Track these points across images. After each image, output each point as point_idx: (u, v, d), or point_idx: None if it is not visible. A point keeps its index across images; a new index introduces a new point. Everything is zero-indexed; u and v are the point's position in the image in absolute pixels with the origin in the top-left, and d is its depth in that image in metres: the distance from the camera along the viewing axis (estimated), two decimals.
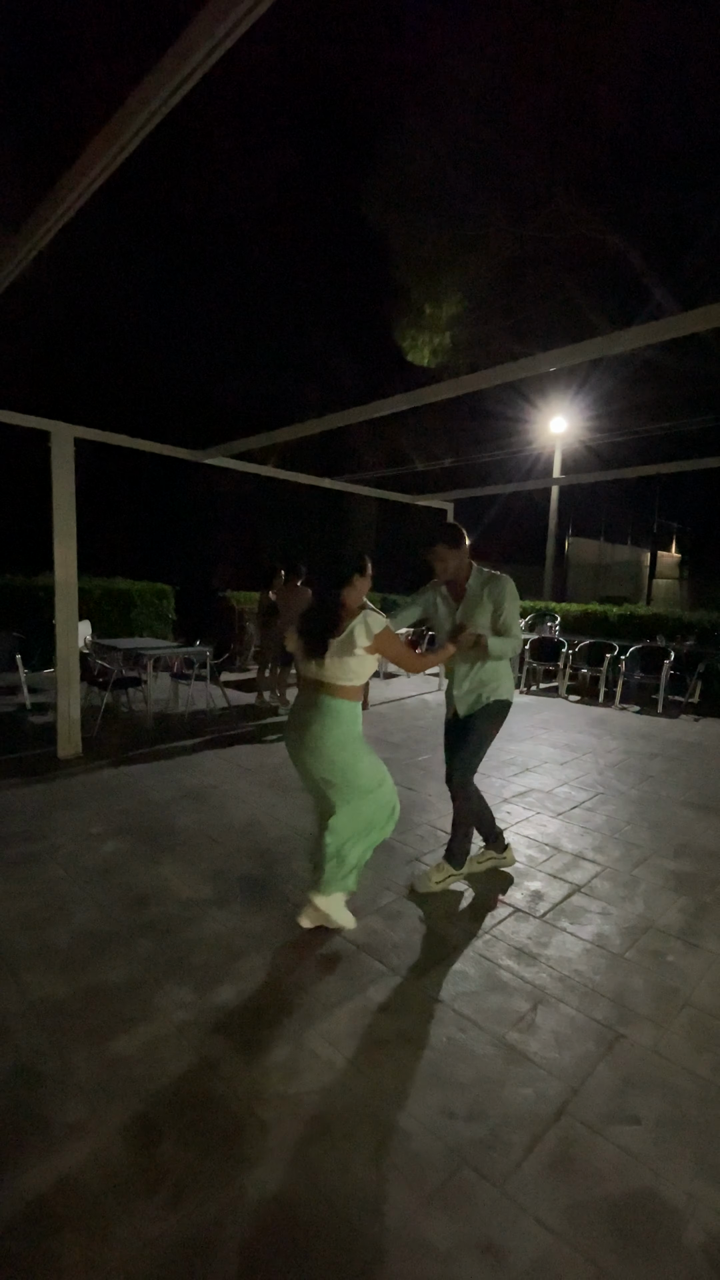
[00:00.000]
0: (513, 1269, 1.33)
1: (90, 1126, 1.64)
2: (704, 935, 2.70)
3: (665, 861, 3.43)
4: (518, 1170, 1.56)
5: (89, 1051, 1.90)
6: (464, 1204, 1.47)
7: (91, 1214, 1.42)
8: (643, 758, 5.57)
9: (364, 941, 2.54)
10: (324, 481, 7.29)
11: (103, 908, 2.73)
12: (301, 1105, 1.73)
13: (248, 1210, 1.44)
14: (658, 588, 25.58)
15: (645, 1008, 2.20)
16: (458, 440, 14.91)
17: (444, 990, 2.26)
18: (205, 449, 5.70)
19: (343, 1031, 2.02)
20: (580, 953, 2.53)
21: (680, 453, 12.27)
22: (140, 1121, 1.66)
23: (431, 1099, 1.78)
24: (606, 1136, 1.67)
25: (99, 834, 3.50)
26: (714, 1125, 1.72)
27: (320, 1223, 1.42)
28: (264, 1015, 2.09)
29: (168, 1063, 1.87)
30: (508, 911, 2.83)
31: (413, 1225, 1.42)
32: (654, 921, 2.79)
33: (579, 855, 3.47)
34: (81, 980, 2.24)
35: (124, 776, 4.52)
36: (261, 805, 4.02)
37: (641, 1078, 1.88)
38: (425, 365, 12.66)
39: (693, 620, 9.21)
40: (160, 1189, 1.48)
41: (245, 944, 2.49)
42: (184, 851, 3.31)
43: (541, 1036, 2.04)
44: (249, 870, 3.12)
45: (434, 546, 2.86)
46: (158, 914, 2.69)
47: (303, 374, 16.11)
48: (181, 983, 2.23)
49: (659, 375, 11.48)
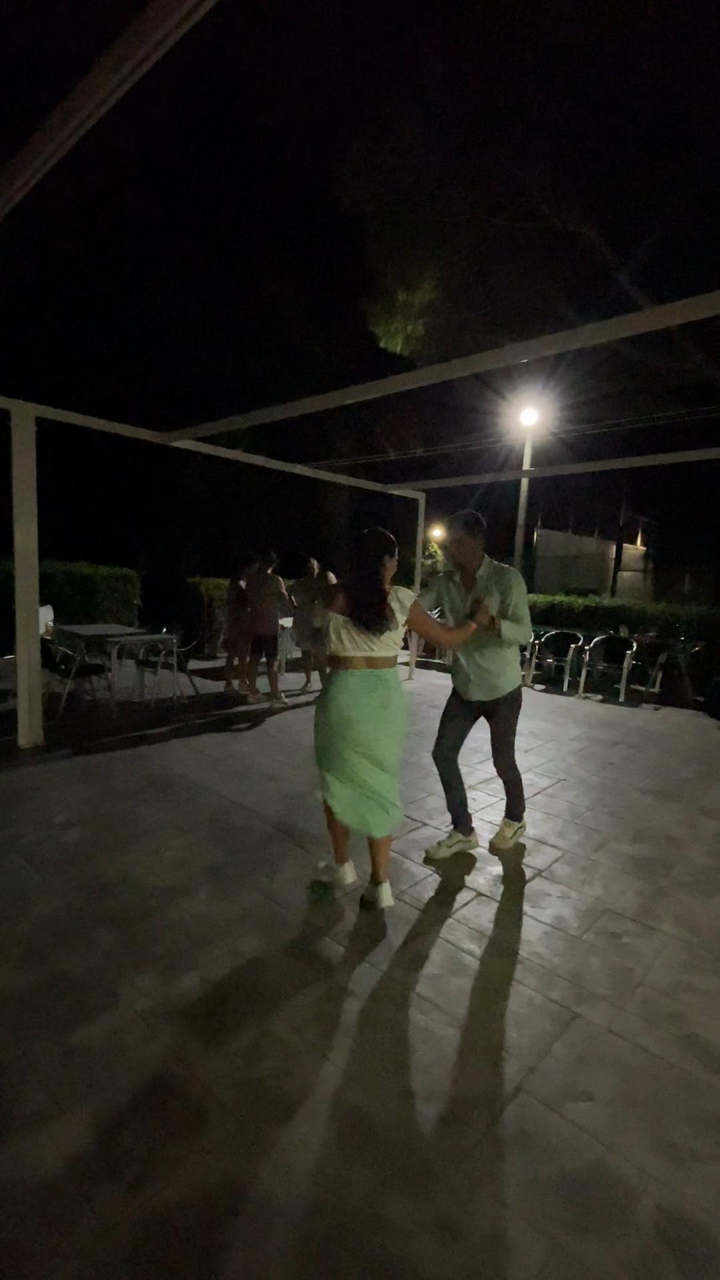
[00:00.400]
0: (468, 1243, 1.37)
1: (50, 1115, 1.63)
2: (658, 917, 2.79)
3: (623, 846, 3.53)
4: (475, 1148, 1.60)
5: (50, 1041, 1.88)
6: (423, 1182, 1.51)
7: (52, 1201, 1.41)
8: (604, 745, 5.70)
9: (329, 927, 2.56)
10: (295, 468, 7.22)
11: (65, 897, 2.69)
12: (264, 1089, 1.74)
13: (210, 1193, 1.45)
14: (623, 580, 26.12)
15: (601, 988, 2.27)
16: (430, 430, 14.92)
17: (407, 974, 2.29)
18: (172, 431, 5.59)
19: (306, 1016, 2.04)
20: (539, 935, 2.59)
21: (647, 447, 12.50)
22: (102, 1109, 1.66)
23: (392, 1080, 1.81)
24: (562, 1113, 1.73)
25: (61, 823, 3.44)
26: (664, 1100, 1.79)
27: (282, 1204, 1.43)
28: (228, 1002, 2.09)
29: (130, 1050, 1.86)
30: (470, 896, 2.89)
31: (373, 1204, 1.44)
32: (611, 904, 2.88)
33: (541, 840, 3.55)
34: (42, 970, 2.21)
35: (87, 765, 4.44)
36: (228, 794, 4.00)
37: (596, 1055, 1.95)
38: (398, 353, 12.60)
39: (655, 612, 9.45)
40: (122, 1175, 1.48)
41: (210, 933, 2.48)
42: (148, 841, 3.28)
43: (500, 1017, 2.09)
44: (215, 859, 3.11)
45: (457, 531, 3.01)
46: (121, 903, 2.67)
47: (273, 357, 15.88)
48: (145, 971, 2.22)
49: (627, 370, 11.64)
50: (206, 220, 15.19)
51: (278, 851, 3.23)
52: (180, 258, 14.99)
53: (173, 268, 14.78)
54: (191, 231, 15.20)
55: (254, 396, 7.72)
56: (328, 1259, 1.33)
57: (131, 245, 14.81)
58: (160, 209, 14.77)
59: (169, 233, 14.97)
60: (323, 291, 14.79)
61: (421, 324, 11.96)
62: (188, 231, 15.15)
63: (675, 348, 10.63)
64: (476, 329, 11.22)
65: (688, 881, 3.15)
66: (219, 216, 15.09)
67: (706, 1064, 1.93)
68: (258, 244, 14.97)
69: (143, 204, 14.56)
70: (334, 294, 14.17)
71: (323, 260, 14.31)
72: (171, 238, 14.99)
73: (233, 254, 15.14)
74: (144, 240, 14.84)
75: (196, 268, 15.03)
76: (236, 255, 15.10)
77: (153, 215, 14.75)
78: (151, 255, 14.83)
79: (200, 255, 15.20)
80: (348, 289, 13.01)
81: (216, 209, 15.04)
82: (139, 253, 14.84)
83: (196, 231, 15.24)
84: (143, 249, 14.85)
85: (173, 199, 14.77)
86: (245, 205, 14.66)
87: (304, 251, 14.84)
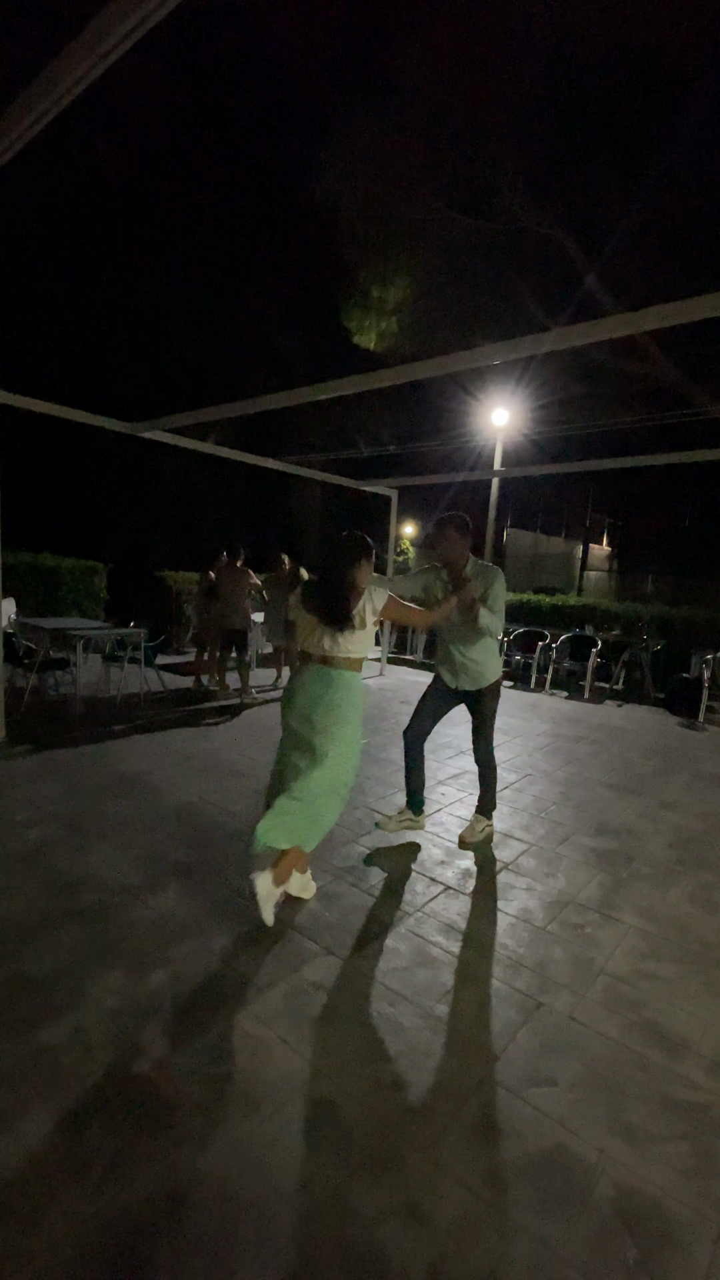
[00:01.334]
0: (435, 1229, 1.40)
1: (15, 1114, 1.61)
2: (619, 908, 2.87)
3: (586, 839, 3.62)
4: (441, 1136, 1.64)
5: (14, 1041, 1.85)
6: (390, 1171, 1.53)
7: (18, 1200, 1.40)
8: (569, 741, 5.83)
9: (299, 923, 2.58)
10: (267, 462, 7.17)
11: (28, 896, 2.64)
12: (232, 1084, 1.75)
13: (178, 1188, 1.45)
14: (589, 579, 26.65)
15: (564, 977, 2.34)
16: (402, 427, 14.95)
17: (375, 967, 2.32)
18: (141, 421, 5.49)
19: (275, 1011, 2.05)
20: (506, 927, 2.65)
21: (614, 450, 12.77)
22: (68, 1108, 1.64)
23: (360, 1072, 1.83)
24: (525, 1099, 1.77)
25: (24, 821, 3.37)
26: (623, 1084, 1.85)
27: (250, 1196, 1.44)
28: (196, 999, 2.09)
29: (97, 1049, 1.84)
30: (439, 889, 2.93)
31: (340, 1194, 1.46)
32: (574, 896, 2.95)
33: (507, 834, 3.61)
34: (6, 969, 2.17)
35: (51, 762, 4.36)
36: (196, 791, 3.97)
37: (559, 1042, 2.00)
38: (371, 349, 12.60)
39: (619, 611, 9.68)
40: (89, 1172, 1.47)
41: (178, 930, 2.47)
42: (115, 838, 3.24)
43: (467, 1007, 2.13)
44: (182, 856, 3.09)
45: (445, 530, 3.15)
46: (87, 901, 2.63)
47: (245, 349, 15.70)
48: (112, 969, 2.20)
49: (594, 372, 11.86)
50: (177, 212, 14.93)
51: (246, 848, 3.21)
52: (151, 248, 14.70)
53: (145, 259, 14.49)
54: (162, 223, 14.92)
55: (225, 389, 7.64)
56: (297, 1249, 1.34)
57: (100, 233, 14.47)
58: (130, 197, 14.46)
59: (138, 222, 14.67)
60: (296, 286, 14.68)
61: (394, 320, 11.98)
62: (158, 222, 14.87)
63: (641, 352, 10.87)
64: (449, 327, 11.30)
65: (648, 873, 3.25)
66: (190, 208, 14.85)
67: (663, 1048, 2.00)
68: (230, 236, 14.78)
69: (112, 191, 14.23)
70: (307, 288, 14.09)
71: (296, 255, 14.21)
72: (141, 228, 14.69)
73: (203, 246, 14.91)
74: (112, 228, 14.51)
75: (167, 259, 14.77)
76: (207, 247, 14.89)
77: (122, 203, 14.43)
78: (120, 244, 14.51)
79: (171, 247, 14.93)
80: (321, 283, 12.95)
81: (188, 201, 14.79)
82: (107, 240, 14.50)
83: (167, 223, 14.97)
84: (111, 237, 14.52)
85: (143, 188, 14.47)
86: (218, 197, 14.46)
87: (278, 246, 14.70)
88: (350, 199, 10.68)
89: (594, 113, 9.25)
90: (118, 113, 11.83)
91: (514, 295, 10.87)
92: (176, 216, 14.89)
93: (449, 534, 3.14)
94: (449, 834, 3.55)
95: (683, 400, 11.62)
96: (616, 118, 9.16)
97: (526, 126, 9.37)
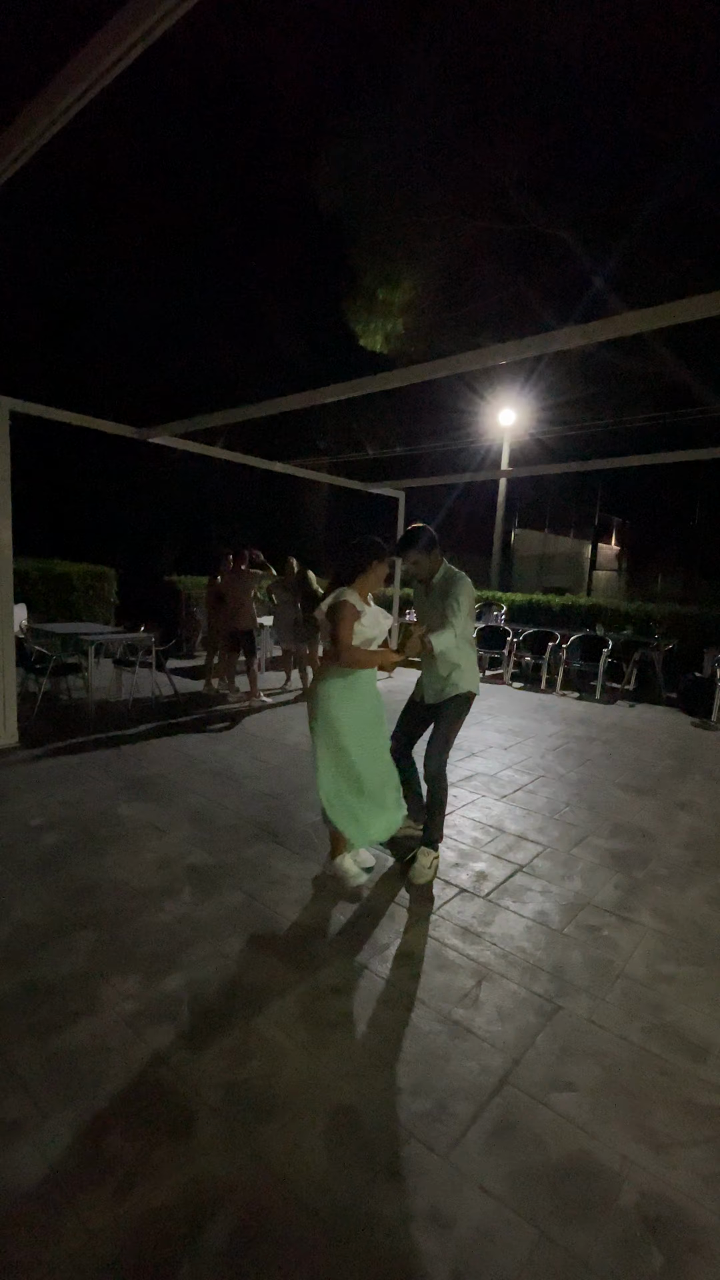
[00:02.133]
0: (459, 1236, 1.39)
1: (33, 1122, 1.61)
2: (636, 910, 2.84)
3: (601, 841, 3.59)
4: (462, 1140, 1.62)
5: (31, 1047, 1.85)
6: (411, 1176, 1.52)
7: (37, 1209, 1.39)
8: (582, 742, 5.79)
9: (314, 926, 2.57)
10: (275, 465, 7.18)
11: (43, 901, 2.65)
12: (251, 1089, 1.74)
13: (198, 1196, 1.44)
14: (598, 579, 26.52)
15: (582, 980, 2.31)
16: (409, 429, 14.96)
17: (392, 971, 2.30)
18: (150, 427, 5.52)
19: (292, 1015, 2.04)
20: (522, 930, 2.63)
21: (621, 449, 12.71)
22: (86, 1114, 1.64)
23: (379, 1077, 1.82)
24: (546, 1104, 1.75)
25: (38, 826, 3.38)
26: (645, 1089, 1.83)
27: (270, 1204, 1.43)
28: (213, 1003, 2.08)
29: (114, 1054, 1.84)
30: (454, 892, 2.91)
31: (362, 1200, 1.45)
32: (591, 898, 2.93)
33: (521, 836, 3.59)
34: (22, 975, 2.17)
35: (64, 766, 4.38)
36: (209, 794, 3.97)
37: (578, 1047, 1.98)
38: (378, 351, 12.62)
39: (630, 611, 9.61)
40: (108, 1180, 1.47)
41: (193, 934, 2.47)
42: (128, 842, 3.24)
43: (485, 1011, 2.12)
44: (196, 860, 3.09)
45: (407, 552, 3.02)
46: (102, 906, 2.63)
47: (253, 353, 15.77)
48: (128, 974, 2.20)
49: (603, 372, 11.81)
50: (187, 219, 15.03)
51: (260, 851, 3.22)
52: (161, 255, 14.83)
53: (153, 265, 14.61)
54: (172, 230, 15.04)
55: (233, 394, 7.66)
56: (319, 1256, 1.33)
57: (111, 241, 14.60)
58: (141, 207, 14.59)
59: (149, 230, 14.79)
60: (302, 290, 14.74)
61: (401, 323, 11.99)
62: (168, 229, 14.99)
63: (647, 351, 10.81)
64: (456, 329, 11.29)
65: (664, 874, 3.21)
66: (200, 215, 14.95)
67: (685, 1052, 1.97)
68: (238, 242, 14.87)
69: (123, 201, 14.36)
70: (314, 292, 14.14)
71: (303, 258, 14.27)
72: (152, 235, 14.81)
73: (212, 252, 15.01)
74: (124, 237, 14.64)
75: (177, 266, 14.88)
76: (216, 253, 14.99)
77: (134, 213, 14.56)
78: (131, 252, 14.64)
79: (181, 253, 15.05)
80: (327, 287, 12.98)
81: (198, 208, 14.90)
82: (119, 249, 14.64)
83: (177, 230, 15.08)
84: (122, 245, 14.65)
85: (154, 196, 14.59)
86: (226, 205, 14.56)
87: (285, 251, 14.77)
88: (357, 203, 10.70)
89: (603, 111, 9.23)
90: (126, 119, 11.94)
91: (521, 296, 10.85)
92: (184, 222, 15.00)
93: (410, 556, 3.03)
94: (462, 836, 3.52)
95: (691, 398, 11.55)
96: (625, 116, 9.13)
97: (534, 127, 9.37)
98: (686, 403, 11.84)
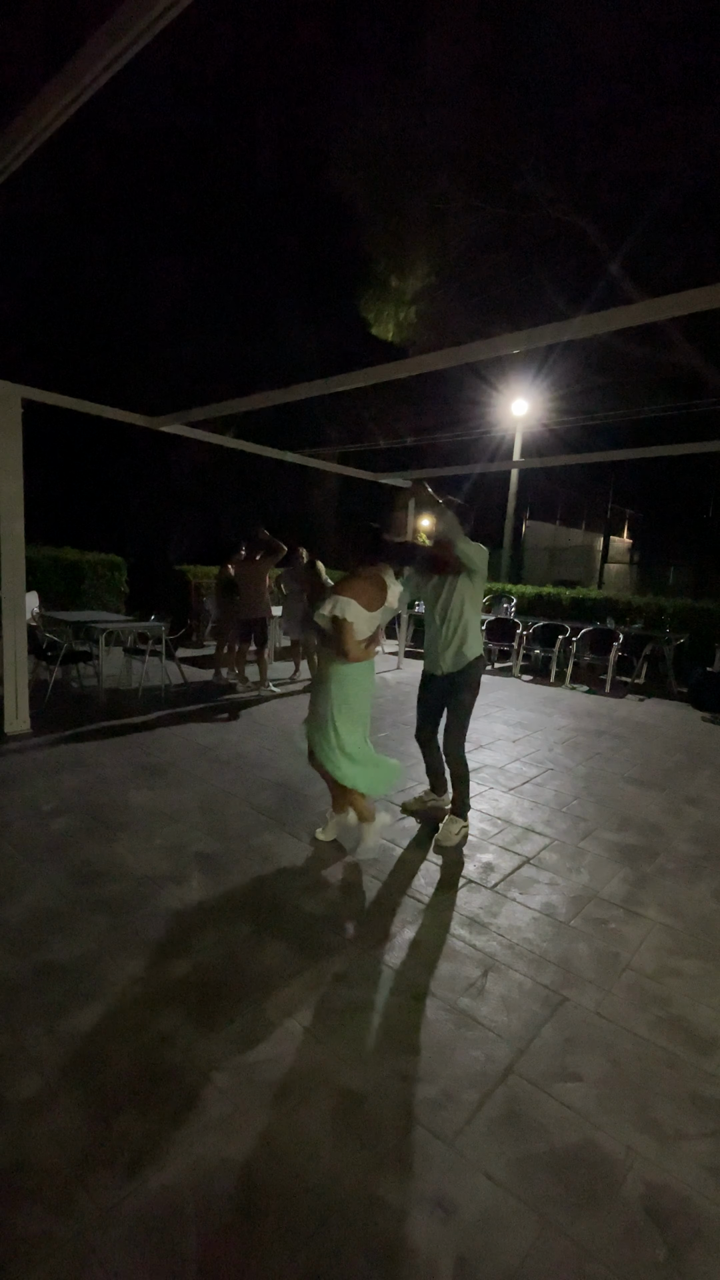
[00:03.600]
0: (462, 1221, 1.40)
1: (45, 1102, 1.63)
2: (644, 903, 2.84)
3: (609, 834, 3.58)
4: (467, 1128, 1.63)
5: (43, 1028, 1.88)
6: (416, 1162, 1.53)
7: (49, 1187, 1.42)
8: (590, 735, 5.77)
9: (322, 914, 2.58)
10: (285, 455, 7.16)
11: (55, 885, 2.68)
12: (258, 1073, 1.76)
13: (205, 1176, 1.46)
14: (609, 572, 26.26)
15: (589, 972, 2.32)
16: (420, 419, 14.85)
17: (399, 960, 2.32)
18: (161, 416, 5.51)
19: (299, 1001, 2.06)
20: (529, 921, 2.63)
21: (634, 441, 12.56)
22: (96, 1095, 1.66)
23: (385, 1063, 1.83)
24: (551, 1094, 1.76)
25: (50, 811, 3.42)
26: (650, 1081, 1.83)
27: (277, 1186, 1.45)
28: (221, 988, 2.10)
29: (124, 1037, 1.86)
30: (461, 883, 2.92)
31: (367, 1184, 1.47)
32: (598, 891, 2.93)
33: (529, 828, 3.59)
34: (33, 958, 2.20)
35: (75, 753, 4.42)
36: (219, 782, 4.00)
37: (584, 1038, 1.99)
38: (390, 340, 12.52)
39: (640, 604, 9.54)
40: (118, 1159, 1.49)
41: (202, 919, 2.49)
42: (139, 828, 3.27)
43: (491, 1001, 2.13)
44: (206, 847, 3.11)
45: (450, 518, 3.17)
46: (112, 891, 2.66)
47: (264, 342, 15.68)
48: (137, 958, 2.22)
49: (618, 361, 11.66)
50: (199, 205, 14.93)
51: (269, 839, 3.24)
52: (172, 242, 14.75)
53: (164, 252, 14.54)
54: (184, 216, 14.95)
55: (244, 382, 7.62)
56: (325, 1239, 1.35)
57: (122, 228, 14.53)
58: (152, 193, 14.50)
59: (161, 217, 14.71)
60: (314, 277, 14.62)
61: (413, 311, 11.88)
62: (180, 216, 14.91)
63: (663, 340, 10.66)
64: (469, 317, 11.17)
65: (672, 868, 3.21)
66: (211, 201, 14.84)
67: (690, 1045, 1.97)
68: (249, 229, 14.75)
69: (134, 187, 14.28)
70: (326, 280, 14.02)
71: (314, 245, 14.14)
72: (163, 222, 14.73)
73: (224, 239, 14.91)
74: (135, 223, 14.58)
75: (188, 253, 14.79)
76: (228, 240, 14.88)
77: (144, 199, 14.48)
78: (143, 239, 14.58)
79: (192, 240, 14.96)
80: (339, 275, 12.88)
81: (209, 194, 14.78)
82: (130, 236, 14.57)
83: (189, 216, 14.99)
84: (134, 232, 14.59)
85: (165, 182, 14.49)
86: (237, 190, 14.44)
87: (296, 237, 14.65)
88: (370, 189, 10.58)
89: (620, 95, 9.05)
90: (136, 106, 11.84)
91: (535, 284, 10.71)
92: (195, 210, 14.90)
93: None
94: (470, 828, 3.52)
95: (707, 388, 11.38)
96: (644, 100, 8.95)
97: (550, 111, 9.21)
98: (702, 393, 11.68)
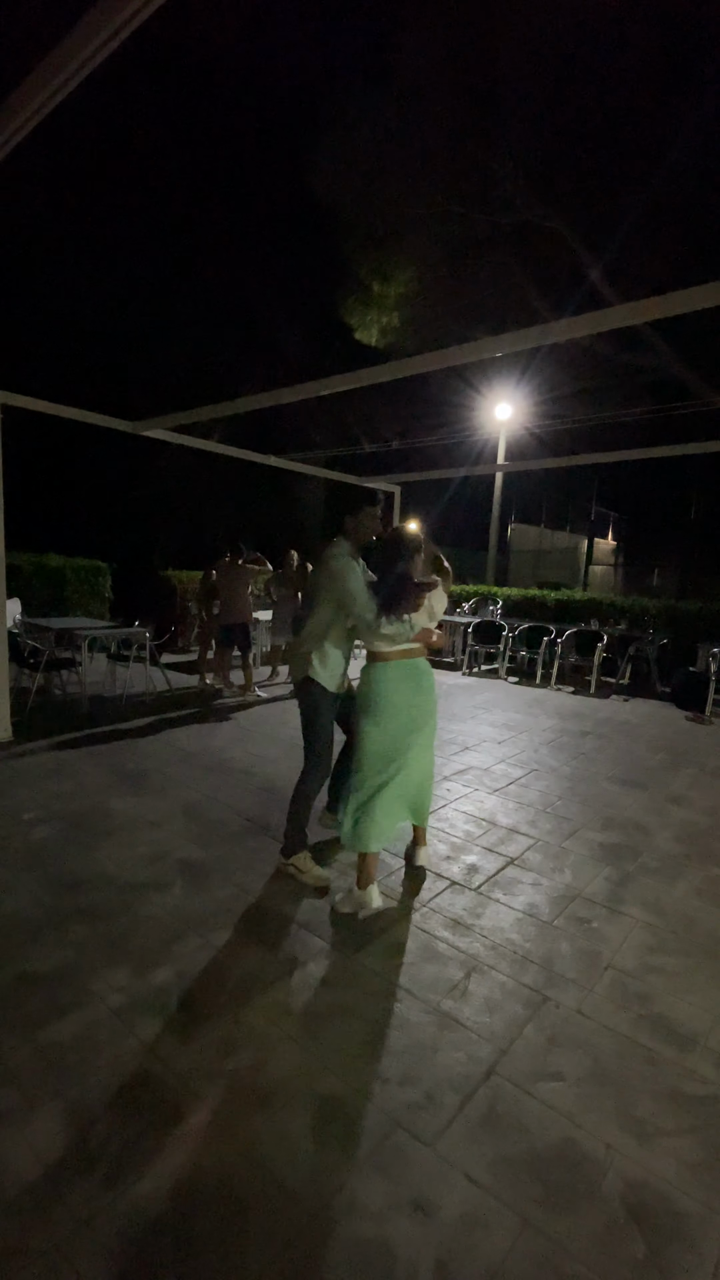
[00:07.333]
0: (442, 1223, 1.40)
1: (21, 1113, 1.61)
2: (626, 902, 2.86)
3: (593, 834, 3.60)
4: (448, 1129, 1.63)
5: (20, 1039, 1.86)
6: (396, 1164, 1.53)
7: (26, 1199, 1.40)
8: (575, 736, 5.80)
9: (305, 919, 2.57)
10: (270, 459, 7.15)
11: (34, 894, 2.65)
12: (239, 1080, 1.75)
13: (185, 1184, 1.45)
14: (594, 574, 26.47)
15: (571, 971, 2.33)
16: (405, 423, 14.91)
17: (381, 963, 2.31)
18: (144, 420, 5.49)
19: (281, 1007, 2.05)
20: (512, 922, 2.64)
21: (617, 443, 12.68)
22: (75, 1105, 1.64)
23: (367, 1067, 1.83)
24: (532, 1093, 1.76)
25: (30, 819, 3.38)
26: (631, 1078, 1.84)
27: (257, 1191, 1.44)
28: (202, 995, 2.09)
29: (103, 1046, 1.85)
30: (445, 885, 2.92)
31: (347, 1188, 1.46)
32: (581, 890, 2.94)
33: (513, 829, 3.60)
34: (11, 968, 2.17)
35: (57, 761, 4.37)
36: (203, 789, 3.98)
37: (566, 1037, 1.99)
38: (373, 344, 12.57)
39: (625, 606, 9.62)
40: (96, 1169, 1.47)
41: (184, 927, 2.47)
42: (121, 836, 3.25)
43: (474, 1002, 2.13)
44: (189, 854, 3.09)
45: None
46: (93, 899, 2.64)
47: (247, 346, 15.68)
48: (117, 967, 2.20)
49: (599, 365, 11.79)
50: (182, 210, 14.91)
51: (252, 845, 3.22)
52: (155, 247, 14.71)
53: (147, 256, 14.50)
54: (166, 220, 14.92)
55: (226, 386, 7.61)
56: (304, 1244, 1.34)
57: (104, 232, 14.47)
58: (134, 197, 14.46)
59: (143, 221, 14.67)
60: (297, 282, 14.64)
61: (396, 316, 11.94)
62: (162, 220, 14.87)
63: (644, 344, 10.79)
64: (451, 322, 11.24)
65: (655, 867, 3.23)
66: (194, 206, 14.83)
67: (671, 1042, 1.99)
68: (232, 234, 14.76)
69: (116, 191, 14.24)
70: (309, 285, 14.05)
71: (297, 251, 14.17)
72: (145, 226, 14.69)
73: (207, 244, 14.90)
74: (117, 228, 14.52)
75: (171, 257, 14.77)
76: (211, 245, 14.87)
77: (127, 203, 14.44)
78: (125, 243, 14.53)
79: (175, 245, 14.93)
80: (322, 280, 12.91)
81: (192, 198, 14.77)
82: (112, 241, 14.51)
83: (171, 221, 14.96)
84: (115, 237, 14.53)
85: (147, 187, 14.46)
86: (220, 196, 14.44)
87: (279, 242, 14.67)
88: (351, 194, 10.63)
89: (598, 101, 9.16)
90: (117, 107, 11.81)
91: (516, 289, 10.80)
92: (177, 212, 14.87)
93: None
94: (454, 829, 3.53)
95: (687, 391, 11.52)
96: (621, 106, 9.07)
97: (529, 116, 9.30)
98: (683, 396, 11.82)
